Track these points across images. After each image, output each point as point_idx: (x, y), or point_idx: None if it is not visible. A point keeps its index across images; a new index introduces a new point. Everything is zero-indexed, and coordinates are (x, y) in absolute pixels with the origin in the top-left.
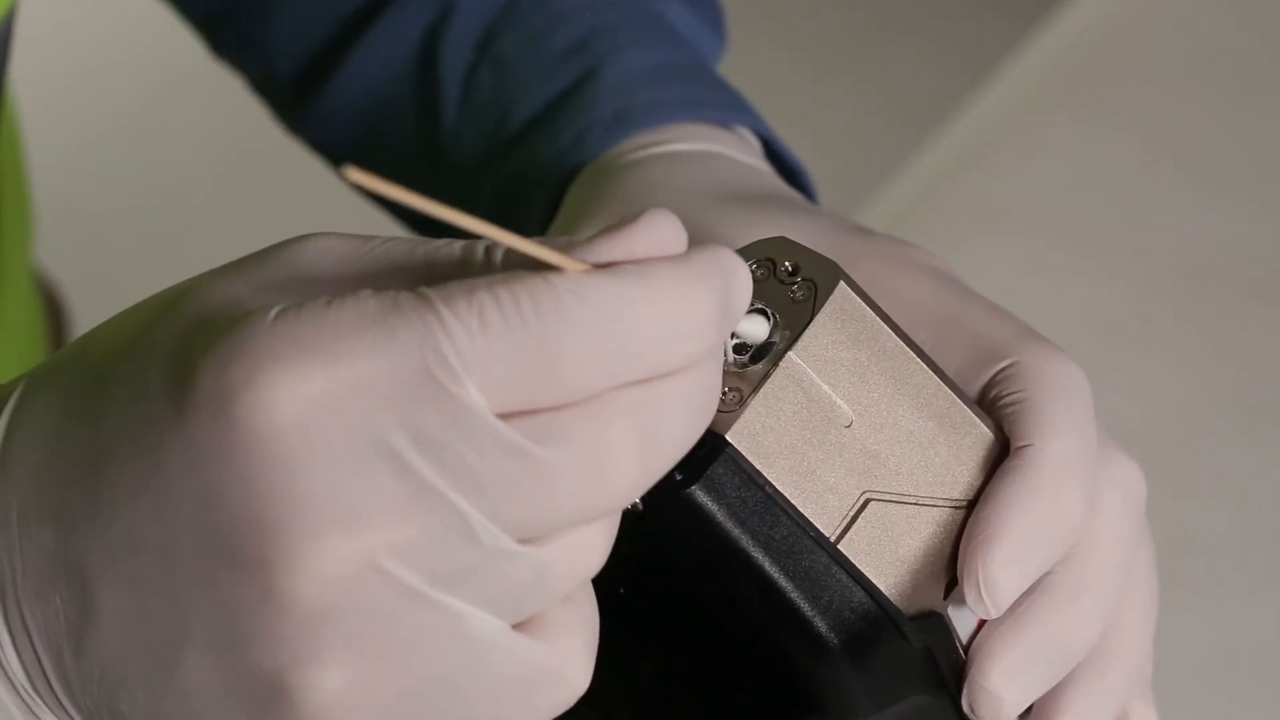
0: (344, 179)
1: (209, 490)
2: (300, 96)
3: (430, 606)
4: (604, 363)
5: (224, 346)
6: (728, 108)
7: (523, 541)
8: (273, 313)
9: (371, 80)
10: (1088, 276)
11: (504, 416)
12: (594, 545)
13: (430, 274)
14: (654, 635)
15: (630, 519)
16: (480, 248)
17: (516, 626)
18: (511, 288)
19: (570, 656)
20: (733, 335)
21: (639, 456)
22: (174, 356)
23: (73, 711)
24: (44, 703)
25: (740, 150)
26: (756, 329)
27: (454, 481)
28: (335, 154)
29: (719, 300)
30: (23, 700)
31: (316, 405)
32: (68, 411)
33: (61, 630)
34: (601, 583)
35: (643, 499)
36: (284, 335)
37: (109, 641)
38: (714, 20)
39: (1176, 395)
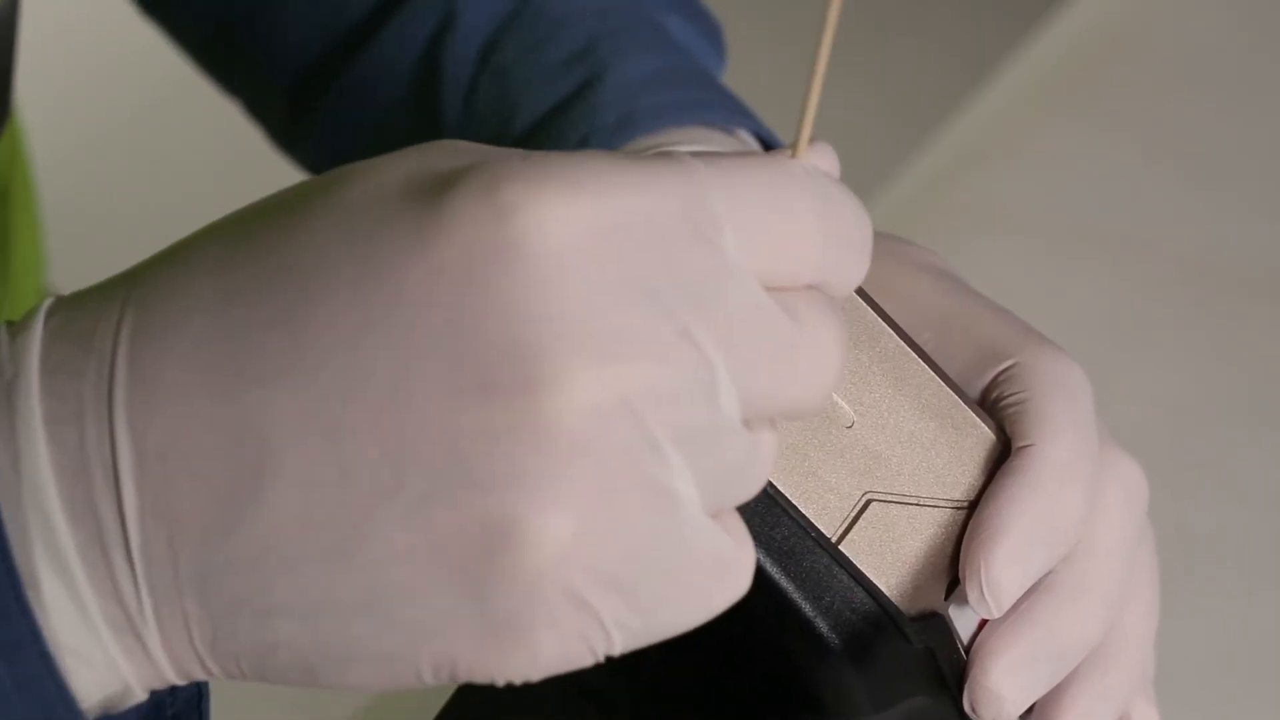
0: None
1: (464, 314)
2: (299, 111)
3: (664, 464)
4: (824, 250)
5: (488, 172)
6: (730, 111)
7: (752, 418)
8: (520, 155)
9: (372, 92)
10: (1088, 276)
11: None
12: (772, 448)
13: None
14: None
15: None
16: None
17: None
18: (755, 159)
19: (744, 556)
20: None
21: (839, 362)
22: (411, 188)
23: (194, 622)
24: (159, 617)
25: None
26: None
27: (712, 332)
28: (334, 165)
29: (869, 230)
30: (138, 595)
31: (584, 234)
32: (228, 269)
33: (218, 506)
34: None
35: None
36: (547, 171)
37: (284, 510)
38: (713, 38)
39: (1176, 395)
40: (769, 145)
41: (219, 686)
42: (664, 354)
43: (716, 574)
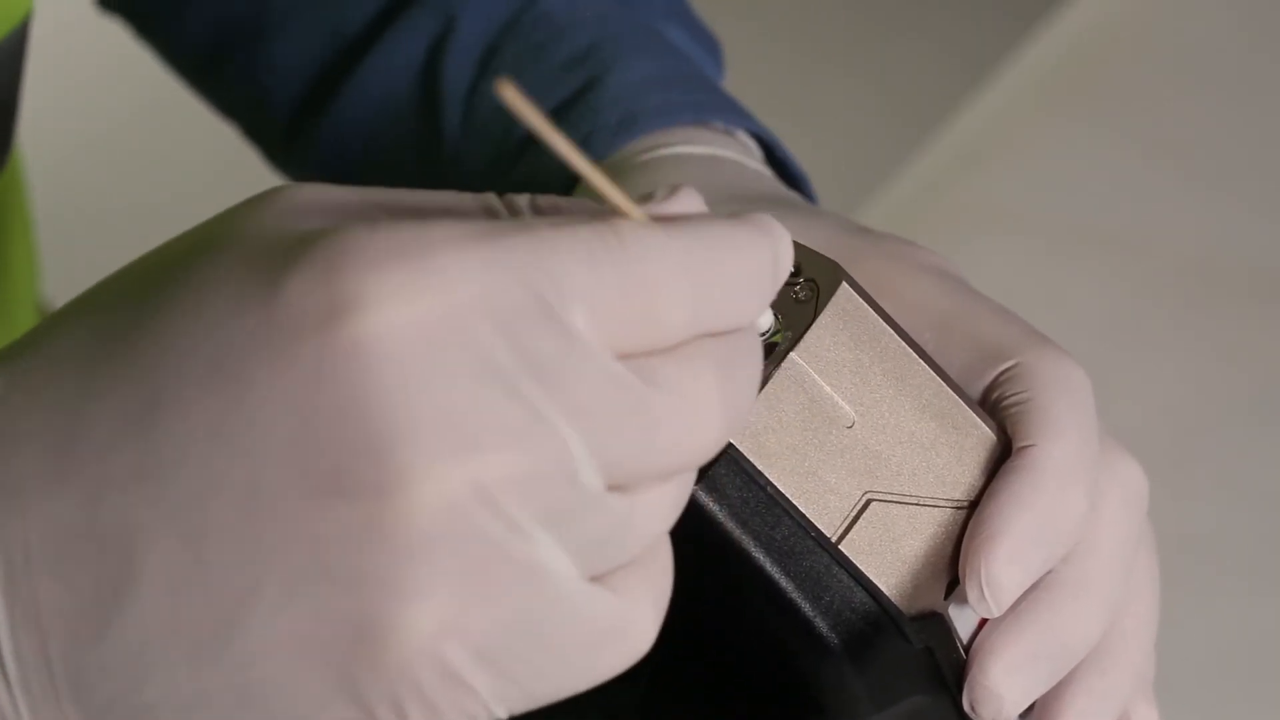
0: (497, 93)
1: (312, 414)
2: (298, 126)
3: (527, 543)
4: (696, 308)
5: (320, 258)
6: (729, 112)
7: (611, 489)
8: (367, 223)
9: (373, 102)
10: (1088, 276)
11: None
12: (669, 503)
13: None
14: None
15: None
16: (497, 200)
17: (594, 579)
18: (613, 225)
19: (640, 616)
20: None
21: (724, 409)
22: (253, 273)
23: (72, 714)
24: (40, 705)
25: (743, 155)
26: (767, 319)
27: (564, 412)
28: (334, 179)
29: (775, 259)
30: (13, 700)
31: (430, 323)
32: (94, 358)
33: (84, 611)
34: None
35: None
36: (389, 246)
37: (151, 614)
38: (712, 52)
39: (1176, 395)
40: (768, 145)
41: None
42: (517, 439)
43: (602, 640)
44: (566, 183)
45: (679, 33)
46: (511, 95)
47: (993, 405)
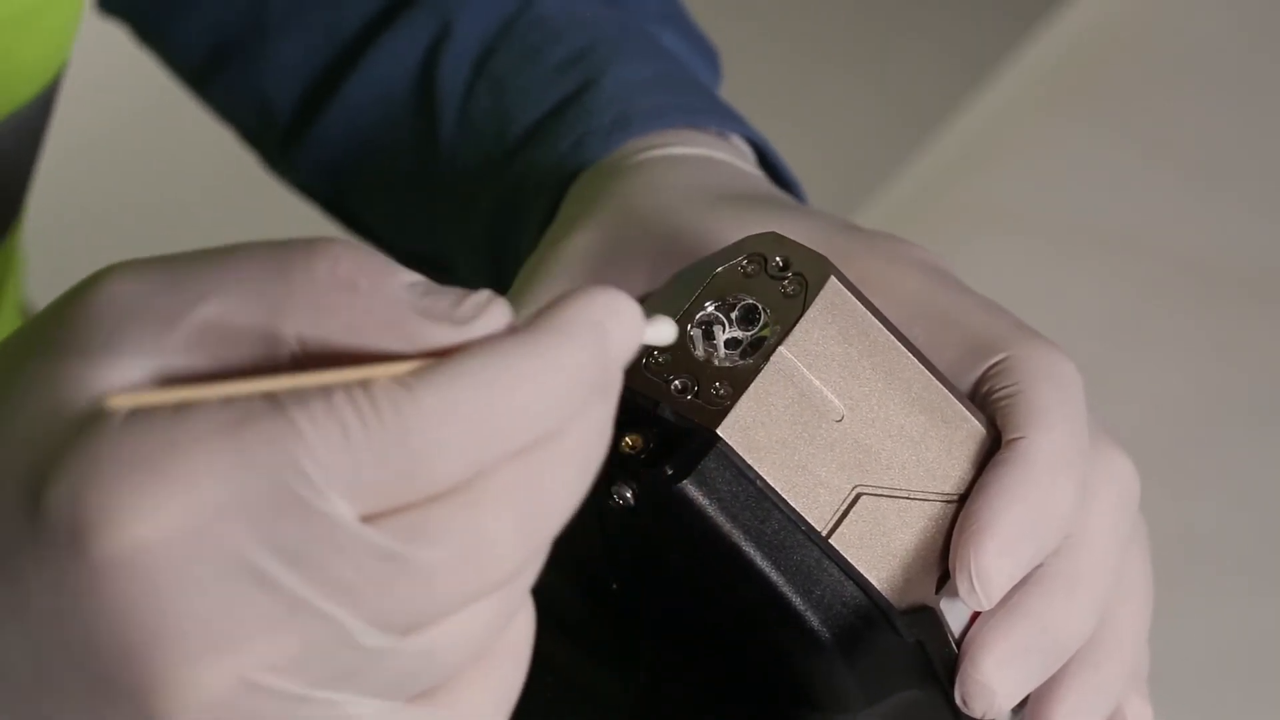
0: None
1: (77, 625)
2: (295, 129)
3: (314, 705)
4: (472, 454)
5: (72, 473)
6: (724, 117)
7: (404, 633)
8: (119, 422)
9: (369, 104)
10: (1088, 276)
11: (374, 517)
12: (486, 620)
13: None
14: (647, 630)
15: (622, 514)
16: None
17: (419, 697)
18: (370, 393)
19: (477, 718)
20: (723, 329)
21: (517, 535)
22: (22, 479)
23: None
24: None
25: (736, 157)
26: (662, 332)
27: (327, 594)
28: (332, 181)
29: (595, 358)
30: None
31: (176, 532)
32: None
33: None
34: (595, 579)
35: (634, 493)
36: (134, 458)
37: None
38: (709, 59)
39: (1176, 395)
40: (762, 150)
41: None
42: (280, 627)
43: None
44: (567, 178)
45: (675, 38)
46: (130, 400)
47: (982, 399)
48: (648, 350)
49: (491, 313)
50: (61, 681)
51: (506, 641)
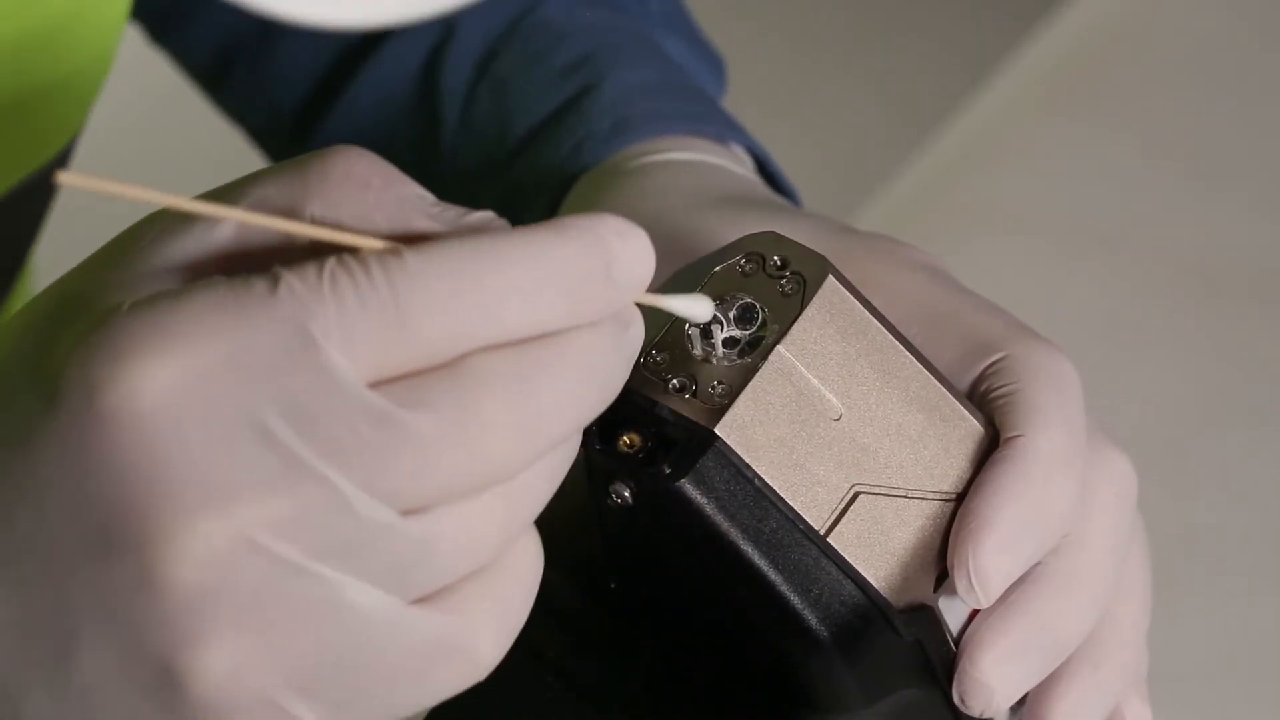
0: (58, 183)
1: (82, 483)
2: (302, 130)
3: (313, 580)
4: (459, 320)
5: (84, 342)
6: (723, 125)
7: (406, 513)
8: (127, 303)
9: (373, 105)
10: (1088, 276)
11: (372, 385)
12: (485, 520)
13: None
14: (646, 628)
15: (621, 513)
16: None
17: (419, 600)
18: (361, 257)
19: (475, 631)
20: (721, 328)
21: (515, 425)
22: (39, 358)
23: None
24: None
25: (734, 164)
26: (697, 308)
27: (323, 452)
28: None
29: (591, 259)
30: None
31: (178, 388)
32: None
33: None
34: (593, 578)
35: (632, 492)
36: (142, 325)
37: (6, 647)
38: (715, 67)
39: (1176, 395)
40: (761, 160)
41: None
42: (277, 485)
43: (432, 659)
44: (566, 181)
45: (679, 45)
46: (79, 181)
47: (980, 398)
48: (645, 350)
49: (488, 218)
50: (68, 550)
51: (510, 564)
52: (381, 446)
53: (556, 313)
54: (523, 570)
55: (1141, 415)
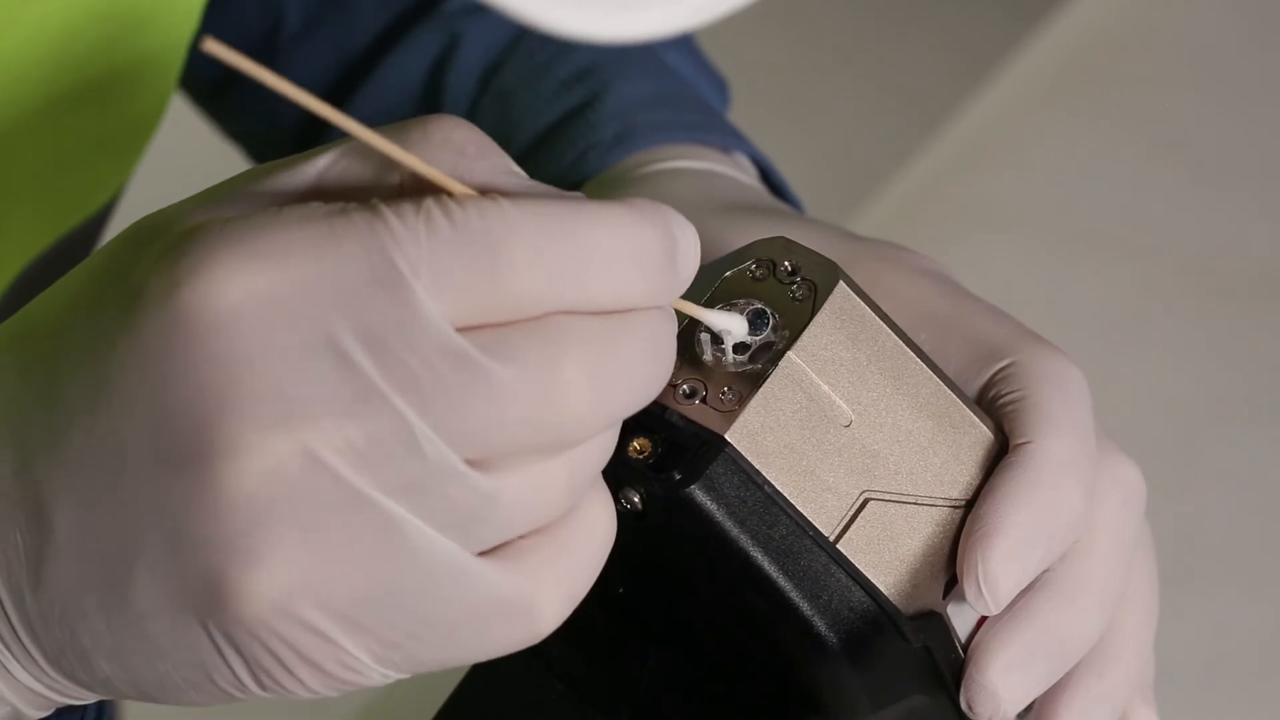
0: (203, 49)
1: (155, 389)
2: (305, 143)
3: (376, 511)
4: (550, 278)
5: (173, 249)
6: (728, 134)
7: (473, 463)
8: (223, 220)
9: (375, 118)
10: (1087, 276)
11: (457, 328)
12: (551, 482)
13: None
14: (654, 634)
15: (630, 518)
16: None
17: (486, 553)
18: (460, 199)
19: (538, 591)
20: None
21: (591, 390)
22: (126, 267)
23: (40, 659)
24: (12, 654)
25: (739, 173)
26: (734, 324)
27: (399, 384)
28: None
29: (664, 242)
30: None
31: (261, 300)
32: (32, 345)
33: (21, 566)
34: (602, 582)
35: (642, 498)
36: (232, 237)
37: (66, 568)
38: (718, 87)
39: (1176, 395)
40: (765, 170)
41: None
42: (349, 410)
43: (491, 615)
44: (570, 189)
45: (681, 60)
46: (226, 54)
47: (988, 404)
48: None
49: (577, 195)
50: (137, 461)
51: (578, 529)
52: (460, 389)
53: (632, 288)
54: (592, 537)
55: (1141, 415)
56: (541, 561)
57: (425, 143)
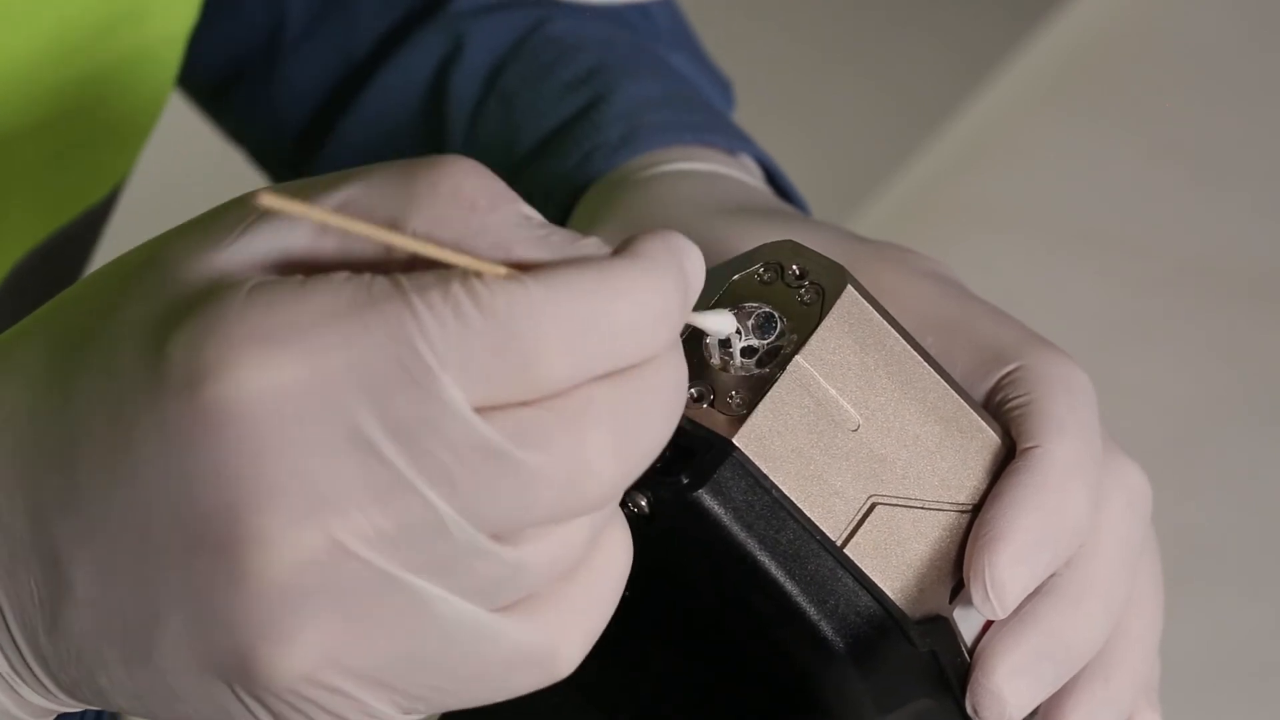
0: (256, 204)
1: (180, 472)
2: (306, 146)
3: (404, 590)
4: (579, 355)
5: (197, 325)
6: (733, 135)
7: (497, 538)
8: (246, 288)
9: (380, 119)
10: (1088, 276)
11: (480, 411)
12: (574, 542)
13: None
14: (660, 637)
15: (637, 522)
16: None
17: (509, 607)
18: (487, 283)
19: (560, 638)
20: (739, 337)
21: (617, 458)
22: (148, 332)
23: (54, 688)
24: (23, 680)
25: (744, 175)
26: (721, 324)
27: (429, 476)
28: None
29: (680, 288)
30: (2, 678)
31: (288, 391)
32: (43, 385)
33: (36, 611)
34: None
35: (649, 502)
36: (257, 317)
37: (84, 624)
38: (721, 88)
39: (1176, 395)
40: (770, 170)
41: None
42: (377, 500)
43: (515, 664)
44: (575, 191)
45: (686, 63)
46: (278, 202)
47: (996, 408)
48: None
49: (593, 245)
50: (160, 538)
51: (598, 568)
52: (488, 478)
53: (658, 343)
54: (610, 571)
55: (1141, 415)
56: (563, 610)
57: (434, 197)
